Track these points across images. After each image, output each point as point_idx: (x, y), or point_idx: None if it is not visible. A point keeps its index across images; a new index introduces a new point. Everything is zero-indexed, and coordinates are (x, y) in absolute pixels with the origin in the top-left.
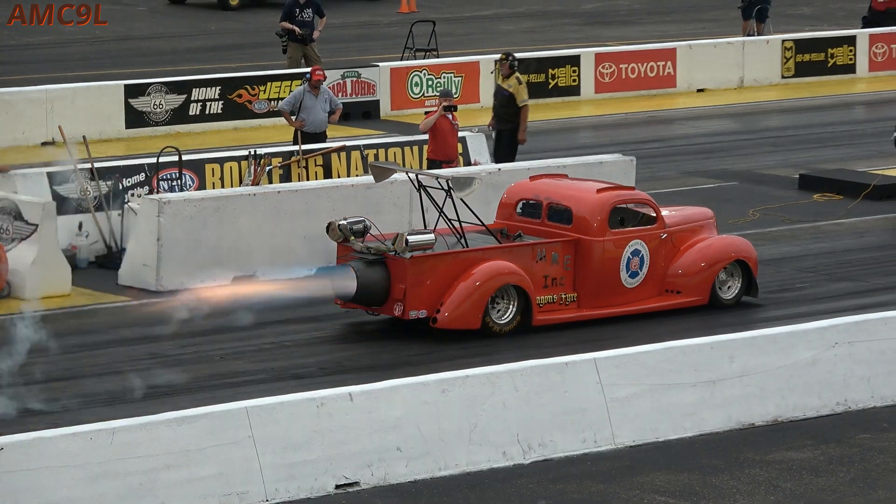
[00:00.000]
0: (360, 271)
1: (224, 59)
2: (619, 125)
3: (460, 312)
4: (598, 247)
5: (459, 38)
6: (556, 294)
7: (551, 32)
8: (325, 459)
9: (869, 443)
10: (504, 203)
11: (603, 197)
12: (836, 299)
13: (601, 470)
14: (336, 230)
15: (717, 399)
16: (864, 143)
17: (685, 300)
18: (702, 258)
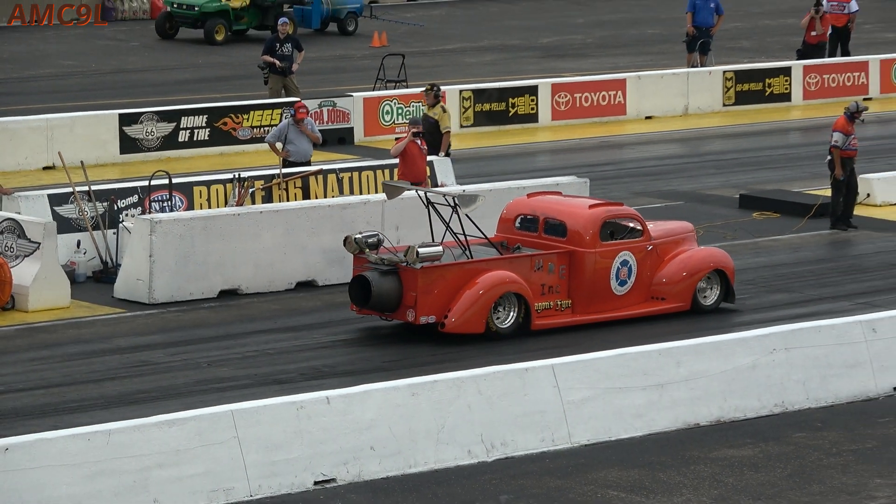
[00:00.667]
0: (375, 281)
1: (210, 90)
2: (574, 150)
3: (466, 318)
4: (590, 258)
5: (427, 69)
6: (552, 301)
7: (511, 64)
8: (304, 458)
9: (804, 441)
10: (504, 218)
11: (595, 212)
12: (773, 309)
13: (558, 467)
14: (352, 243)
15: (664, 401)
16: (799, 165)
17: (669, 306)
18: (684, 268)
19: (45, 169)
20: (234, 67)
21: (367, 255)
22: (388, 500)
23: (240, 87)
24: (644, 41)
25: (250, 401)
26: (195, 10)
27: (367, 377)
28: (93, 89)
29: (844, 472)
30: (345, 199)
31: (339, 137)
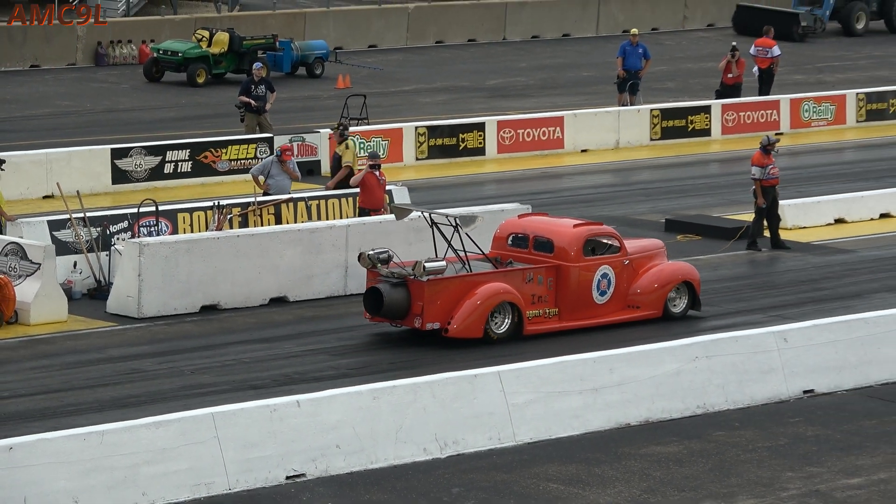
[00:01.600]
0: (387, 292)
1: (192, 127)
2: (518, 179)
3: (467, 324)
4: (574, 271)
5: (386, 108)
6: (541, 309)
7: (461, 103)
8: (277, 455)
9: (724, 439)
10: (497, 236)
11: (578, 231)
12: (696, 321)
13: (504, 462)
14: (366, 259)
15: (599, 404)
16: (718, 193)
17: (643, 314)
18: (656, 280)
19: (44, 198)
20: (213, 107)
21: (379, 269)
22: (352, 493)
23: (219, 125)
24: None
25: (229, 404)
26: (179, 56)
27: (334, 383)
28: (87, 127)
29: (759, 467)
30: (313, 224)
31: (308, 169)
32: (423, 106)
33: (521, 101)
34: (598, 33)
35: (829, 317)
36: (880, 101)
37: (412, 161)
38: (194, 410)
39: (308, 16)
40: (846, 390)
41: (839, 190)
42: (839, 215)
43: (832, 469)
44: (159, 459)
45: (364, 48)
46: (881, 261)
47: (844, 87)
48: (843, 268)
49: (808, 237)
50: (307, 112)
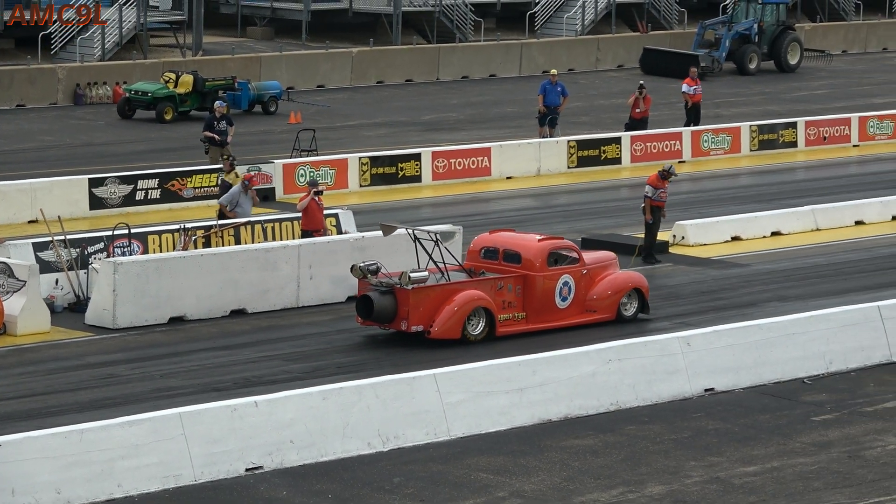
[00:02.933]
0: (377, 299)
1: (161, 159)
2: (450, 204)
3: (447, 327)
4: (539, 280)
5: (333, 141)
6: (511, 313)
7: (400, 136)
8: (237, 450)
9: (634, 432)
10: (471, 250)
11: (543, 244)
12: (609, 328)
13: (440, 455)
14: (357, 270)
15: (524, 402)
16: (628, 214)
17: (599, 317)
18: (610, 287)
19: (29, 222)
20: (179, 140)
21: (369, 279)
22: (304, 484)
23: (184, 156)
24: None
25: (194, 405)
26: (148, 96)
27: (288, 385)
28: (67, 159)
29: (666, 457)
30: (268, 244)
31: (264, 196)
32: (366, 139)
33: (452, 134)
34: (521, 73)
35: (727, 323)
36: (771, 132)
37: (356, 188)
38: (163, 410)
39: (263, 59)
40: (743, 388)
41: (735, 211)
42: (735, 233)
43: (731, 458)
44: (133, 454)
45: (313, 88)
46: (773, 273)
47: (739, 120)
48: (739, 280)
49: (708, 253)
50: (263, 145)
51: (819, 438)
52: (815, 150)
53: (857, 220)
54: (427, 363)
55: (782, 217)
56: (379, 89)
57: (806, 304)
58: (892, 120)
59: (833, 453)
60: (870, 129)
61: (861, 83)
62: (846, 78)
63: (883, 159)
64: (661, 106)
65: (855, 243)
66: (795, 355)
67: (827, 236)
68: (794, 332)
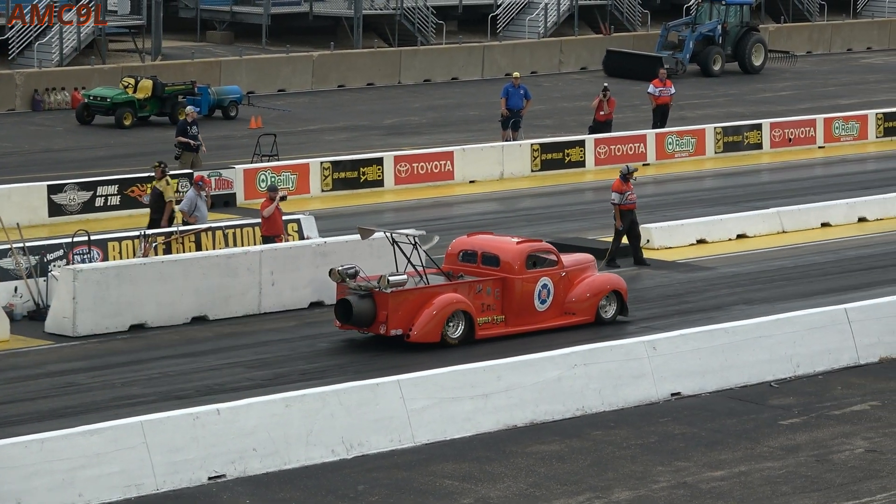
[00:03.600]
0: (355, 302)
1: (120, 165)
2: (413, 208)
3: (426, 330)
4: (518, 283)
5: (294, 146)
6: (490, 316)
7: (362, 140)
8: (199, 458)
9: (601, 437)
10: (449, 253)
11: (521, 247)
12: (573, 332)
13: (404, 462)
14: (336, 274)
15: (489, 408)
16: (592, 218)
17: (578, 319)
18: (589, 289)
19: None
20: (139, 146)
21: (348, 283)
22: (267, 492)
23: (144, 162)
24: (467, 121)
25: (156, 413)
26: (107, 101)
27: (250, 392)
28: (26, 165)
29: (633, 462)
30: (229, 251)
31: (224, 201)
32: (328, 143)
33: (415, 138)
34: (484, 76)
35: (693, 327)
36: (735, 134)
37: (318, 193)
38: (125, 419)
39: (223, 63)
40: (709, 392)
41: (700, 213)
42: (700, 236)
43: (698, 463)
44: (94, 463)
45: (274, 92)
46: (739, 276)
47: (704, 122)
48: (704, 283)
49: (673, 256)
50: (223, 150)
51: (787, 442)
52: (780, 151)
53: (824, 223)
54: (391, 369)
55: (748, 219)
56: (340, 93)
57: (772, 306)
58: (857, 121)
59: (801, 457)
60: (835, 131)
61: (826, 84)
62: (811, 79)
63: (849, 161)
64: (625, 108)
65: (821, 245)
66: (762, 359)
67: (793, 238)
68: (761, 335)
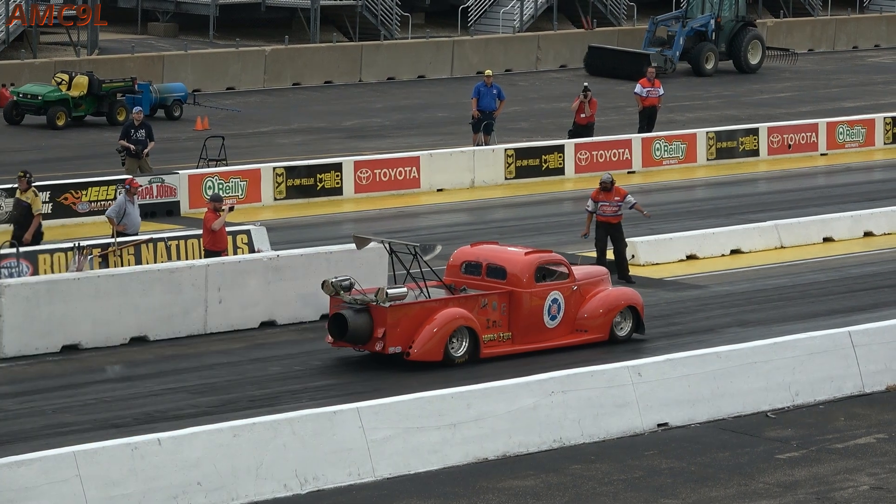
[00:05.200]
0: (351, 317)
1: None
2: (375, 219)
3: (427, 348)
4: (526, 297)
5: (244, 149)
6: (496, 333)
7: (319, 144)
8: (139, 493)
9: (580, 472)
10: (451, 265)
11: (530, 258)
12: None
13: (364, 498)
14: (329, 286)
15: (457, 439)
16: (572, 230)
17: (591, 337)
18: (602, 305)
19: None
20: (73, 149)
21: (342, 296)
22: None
23: (79, 167)
24: (435, 123)
25: (90, 443)
26: (39, 100)
27: (194, 420)
28: None
29: (615, 499)
30: (172, 264)
31: (167, 210)
32: (281, 147)
33: (377, 142)
34: (453, 74)
35: (682, 351)
36: (730, 139)
37: (270, 201)
38: (56, 449)
39: (166, 59)
40: (699, 423)
41: (691, 227)
42: (691, 251)
43: (686, 501)
44: (21, 498)
45: (222, 90)
46: (732, 296)
47: (695, 126)
48: (695, 303)
49: (661, 273)
50: (166, 153)
51: (784, 478)
52: (778, 159)
53: (826, 237)
54: (350, 396)
55: (743, 233)
56: (295, 92)
57: (769, 329)
58: (863, 126)
59: (800, 495)
60: (839, 137)
61: (829, 85)
62: (813, 79)
63: (853, 170)
64: (608, 110)
65: (823, 262)
66: (758, 386)
67: (792, 255)
68: (756, 360)
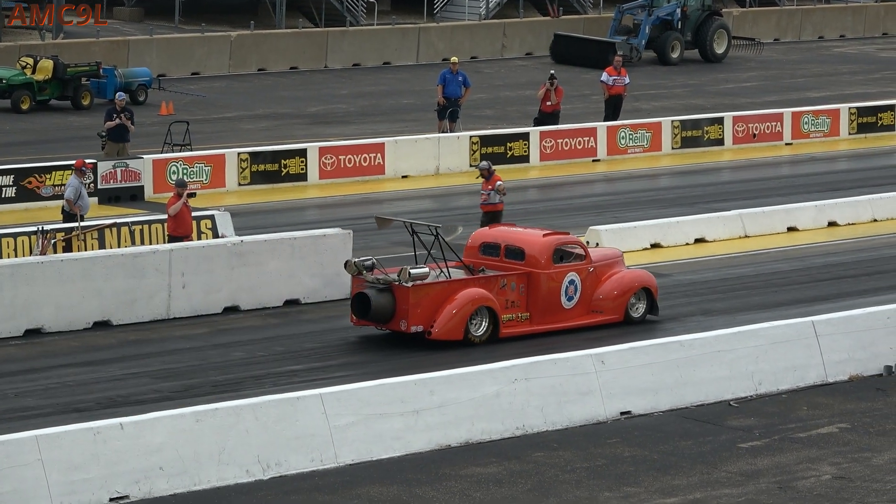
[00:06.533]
0: (374, 297)
1: (16, 153)
2: (339, 205)
3: (448, 328)
4: (544, 278)
5: (208, 135)
6: (514, 313)
7: (283, 130)
8: (100, 478)
9: (543, 459)
10: (469, 246)
11: (548, 240)
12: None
13: (326, 484)
14: (352, 266)
15: (420, 425)
16: (536, 218)
17: (606, 318)
18: (617, 286)
19: None
20: (38, 133)
21: (365, 275)
22: None
23: (43, 150)
24: (400, 110)
25: (52, 427)
26: (2, 83)
27: (157, 405)
28: None
29: (578, 487)
30: (136, 249)
31: (131, 195)
32: (246, 132)
33: (342, 128)
34: (419, 61)
35: (645, 339)
36: (695, 128)
37: (235, 187)
38: (18, 433)
39: (131, 43)
40: (662, 411)
41: (655, 215)
42: (655, 240)
43: (649, 489)
44: None
45: (187, 75)
46: (696, 284)
47: (660, 114)
48: (659, 291)
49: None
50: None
51: (746, 467)
52: (743, 148)
53: (790, 227)
54: (313, 382)
55: (707, 222)
56: (260, 77)
57: (733, 318)
58: (828, 116)
59: (762, 484)
60: (804, 126)
61: (794, 75)
62: (778, 69)
63: (818, 159)
64: (574, 98)
65: (787, 252)
66: (721, 375)
67: (756, 244)
68: (720, 349)
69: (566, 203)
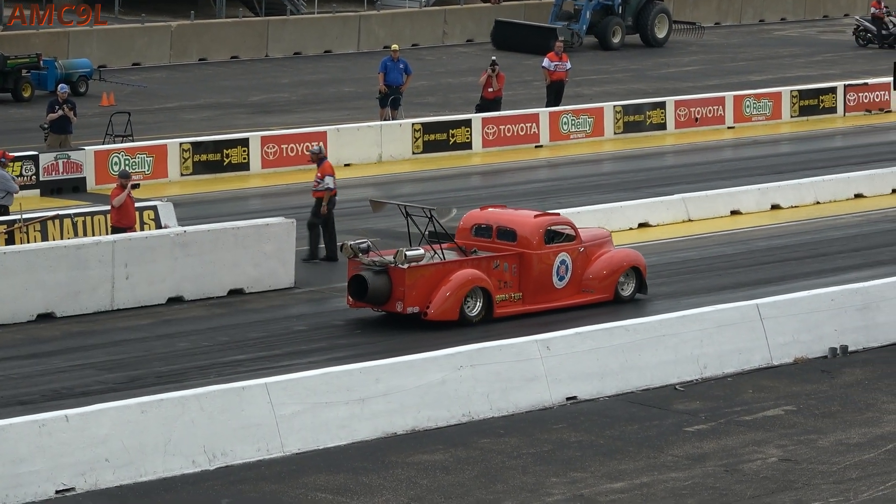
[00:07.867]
0: (370, 279)
1: None
2: (283, 194)
3: (444, 308)
4: (536, 258)
5: (150, 125)
6: (507, 294)
7: (225, 119)
8: (46, 470)
9: (489, 446)
10: (461, 227)
11: (539, 221)
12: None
13: (273, 473)
14: (348, 249)
15: (365, 413)
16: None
17: (596, 297)
18: (607, 266)
19: None
20: None
21: (361, 258)
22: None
23: None
24: (342, 98)
25: None
26: None
27: (102, 397)
28: None
29: (524, 473)
30: (79, 241)
31: (74, 186)
32: (187, 122)
33: (284, 117)
34: (360, 49)
35: (590, 325)
36: (637, 113)
37: (177, 177)
38: None
39: (72, 34)
40: (608, 396)
41: (598, 200)
42: (599, 225)
43: (595, 474)
44: None
45: (128, 66)
46: None
47: (602, 99)
48: None
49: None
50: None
51: (693, 451)
52: (685, 132)
53: (733, 210)
54: (258, 372)
55: (650, 207)
56: (201, 67)
57: (677, 302)
58: (770, 99)
59: (708, 467)
60: (746, 110)
61: (736, 59)
62: (719, 53)
63: (761, 143)
64: (516, 84)
65: (730, 235)
66: (666, 359)
67: (699, 228)
68: (665, 333)
69: (509, 189)
